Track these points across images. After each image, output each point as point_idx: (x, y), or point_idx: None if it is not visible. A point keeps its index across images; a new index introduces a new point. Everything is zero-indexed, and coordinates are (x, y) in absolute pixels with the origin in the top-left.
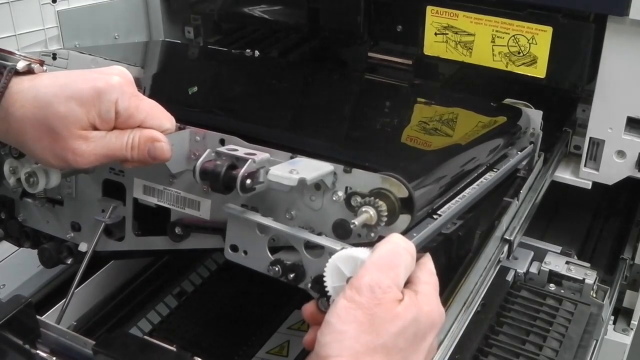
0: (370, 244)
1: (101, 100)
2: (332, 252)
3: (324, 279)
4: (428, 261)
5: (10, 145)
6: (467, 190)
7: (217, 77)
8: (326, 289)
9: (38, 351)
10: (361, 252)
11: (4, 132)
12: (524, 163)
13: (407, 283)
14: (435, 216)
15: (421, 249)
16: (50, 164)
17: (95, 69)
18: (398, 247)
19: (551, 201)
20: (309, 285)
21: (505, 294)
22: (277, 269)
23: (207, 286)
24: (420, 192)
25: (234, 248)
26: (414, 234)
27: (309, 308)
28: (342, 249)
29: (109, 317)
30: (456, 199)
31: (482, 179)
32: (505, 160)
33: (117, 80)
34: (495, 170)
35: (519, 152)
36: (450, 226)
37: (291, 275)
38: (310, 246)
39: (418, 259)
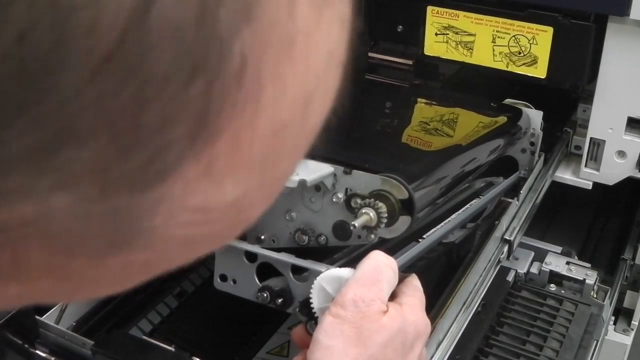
0: (355, 263)
1: None
2: (317, 274)
3: (311, 300)
4: (414, 279)
5: None
6: (452, 216)
7: None
8: (313, 311)
9: (37, 351)
10: (345, 272)
11: None
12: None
13: (393, 298)
14: (420, 240)
15: (408, 269)
16: None
17: None
18: (379, 263)
19: (551, 201)
20: (297, 309)
21: (505, 294)
22: (265, 295)
23: (207, 286)
24: (420, 194)
25: (223, 277)
26: (399, 256)
27: (297, 332)
28: (327, 269)
29: (109, 317)
30: (441, 224)
31: (467, 205)
32: (491, 187)
33: None
34: (480, 197)
35: (504, 179)
36: (451, 236)
37: (279, 301)
38: (297, 270)
39: (404, 278)
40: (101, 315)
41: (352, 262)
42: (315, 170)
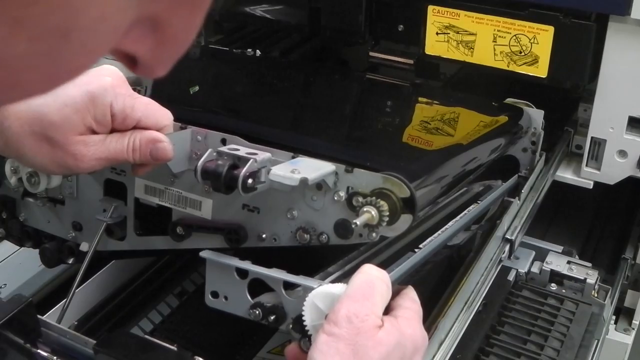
0: (349, 276)
1: (95, 104)
2: (309, 289)
3: (303, 318)
4: (410, 291)
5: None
6: (450, 223)
7: (218, 76)
8: (306, 328)
9: (39, 350)
10: (337, 288)
11: (2, 146)
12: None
13: (389, 311)
14: (416, 250)
15: (405, 281)
16: (52, 172)
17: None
18: (371, 277)
19: (552, 201)
20: (290, 326)
21: (506, 293)
22: (257, 312)
23: None
24: (421, 192)
25: (215, 294)
26: (394, 268)
27: (291, 350)
28: (320, 285)
29: (110, 316)
30: (438, 232)
31: (465, 212)
32: (489, 191)
33: (109, 82)
34: (479, 202)
35: (503, 183)
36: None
37: (272, 318)
38: (290, 285)
39: (400, 290)
40: (102, 315)
41: (347, 274)
42: (316, 169)
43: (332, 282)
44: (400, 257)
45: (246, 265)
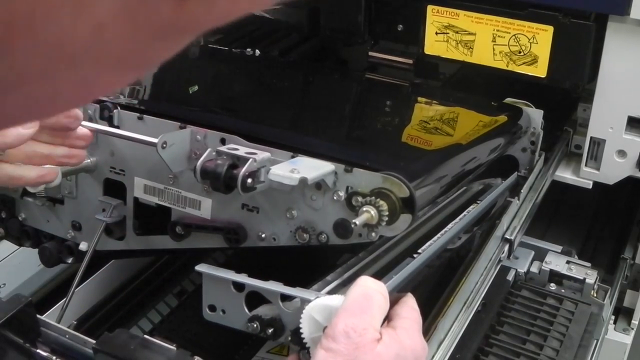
0: (348, 285)
1: None
2: (306, 302)
3: (301, 330)
4: (409, 299)
5: None
6: (449, 226)
7: (217, 76)
8: (304, 341)
9: (38, 350)
10: (335, 300)
11: None
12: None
13: (387, 321)
14: (415, 255)
15: (404, 287)
16: None
17: None
18: (368, 289)
19: (552, 201)
20: (289, 338)
21: (505, 293)
22: (255, 325)
23: None
24: (421, 192)
25: (212, 308)
26: (392, 276)
27: None
28: (317, 298)
29: (110, 316)
30: (438, 235)
31: (464, 213)
32: (489, 190)
33: None
34: (478, 202)
35: (502, 181)
36: (456, 240)
37: (270, 331)
38: (287, 298)
39: (400, 298)
40: (102, 314)
41: (346, 283)
42: (316, 168)
43: (330, 292)
44: (400, 262)
45: (243, 278)
